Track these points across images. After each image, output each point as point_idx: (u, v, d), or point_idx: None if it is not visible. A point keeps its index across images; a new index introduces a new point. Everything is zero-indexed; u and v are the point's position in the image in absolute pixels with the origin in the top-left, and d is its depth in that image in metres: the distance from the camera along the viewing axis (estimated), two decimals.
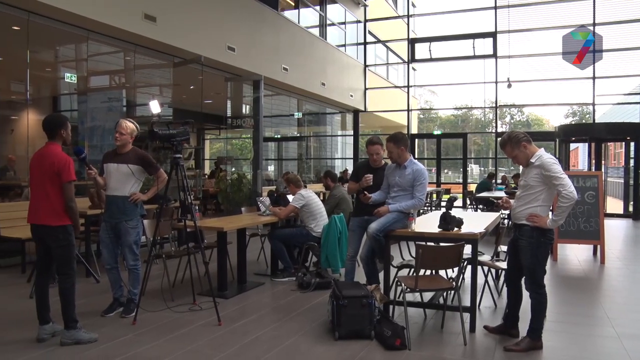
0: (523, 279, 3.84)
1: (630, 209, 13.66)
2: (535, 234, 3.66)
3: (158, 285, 5.14)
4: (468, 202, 13.12)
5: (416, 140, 18.48)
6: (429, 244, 4.18)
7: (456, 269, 4.14)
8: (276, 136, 18.87)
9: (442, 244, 4.15)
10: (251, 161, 11.75)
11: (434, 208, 13.18)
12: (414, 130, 20.41)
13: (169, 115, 13.15)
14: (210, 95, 12.46)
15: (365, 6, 17.08)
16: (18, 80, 10.16)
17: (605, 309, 4.83)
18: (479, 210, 11.03)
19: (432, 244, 4.21)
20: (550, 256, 6.06)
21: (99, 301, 4.75)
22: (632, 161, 13.55)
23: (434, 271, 4.75)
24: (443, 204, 12.90)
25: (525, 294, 3.83)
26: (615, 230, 10.90)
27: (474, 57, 15.98)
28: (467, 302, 4.26)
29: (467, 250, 4.07)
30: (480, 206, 11.16)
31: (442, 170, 18.01)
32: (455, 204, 4.70)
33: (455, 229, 4.16)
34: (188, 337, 3.92)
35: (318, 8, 14.88)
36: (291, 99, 14.45)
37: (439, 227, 4.21)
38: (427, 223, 4.72)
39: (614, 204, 14.48)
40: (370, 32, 17.62)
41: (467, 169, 17.67)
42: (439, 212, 4.71)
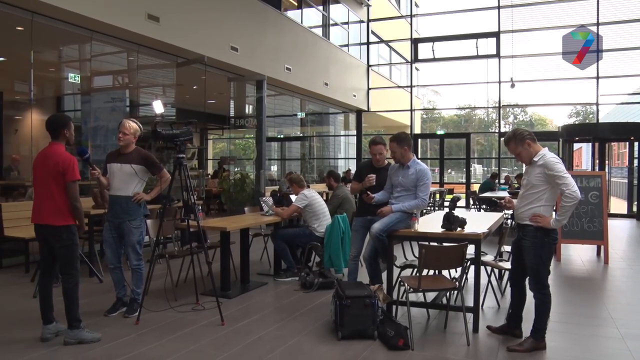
0: (527, 279, 3.84)
1: (634, 209, 13.62)
2: (539, 234, 3.66)
3: (161, 285, 5.15)
4: (471, 202, 13.11)
5: (419, 140, 18.49)
6: (432, 244, 4.19)
7: (459, 269, 4.13)
8: (279, 136, 18.89)
9: (445, 244, 4.14)
10: (254, 161, 11.77)
11: (437, 208, 13.15)
12: (417, 130, 20.38)
13: (172, 115, 13.13)
14: (213, 95, 12.45)
15: (369, 6, 17.06)
16: (22, 81, 10.16)
17: (609, 310, 4.82)
18: (482, 210, 10.99)
19: (435, 244, 4.21)
20: (554, 256, 6.04)
21: (102, 301, 4.77)
22: (636, 161, 13.51)
23: (437, 271, 4.75)
24: (446, 204, 12.87)
25: (529, 294, 3.82)
26: (619, 231, 10.85)
27: (477, 57, 15.94)
28: (470, 302, 4.26)
29: (470, 250, 4.06)
30: (484, 206, 11.12)
31: (445, 170, 18.01)
32: (458, 204, 4.70)
33: (459, 229, 4.16)
34: (191, 336, 3.93)
35: (321, 8, 14.88)
36: (294, 99, 14.45)
37: (442, 227, 4.21)
38: (430, 223, 4.71)
39: (618, 204, 14.43)
40: (373, 32, 17.59)
41: (470, 169, 17.64)
42: (442, 212, 4.71)
